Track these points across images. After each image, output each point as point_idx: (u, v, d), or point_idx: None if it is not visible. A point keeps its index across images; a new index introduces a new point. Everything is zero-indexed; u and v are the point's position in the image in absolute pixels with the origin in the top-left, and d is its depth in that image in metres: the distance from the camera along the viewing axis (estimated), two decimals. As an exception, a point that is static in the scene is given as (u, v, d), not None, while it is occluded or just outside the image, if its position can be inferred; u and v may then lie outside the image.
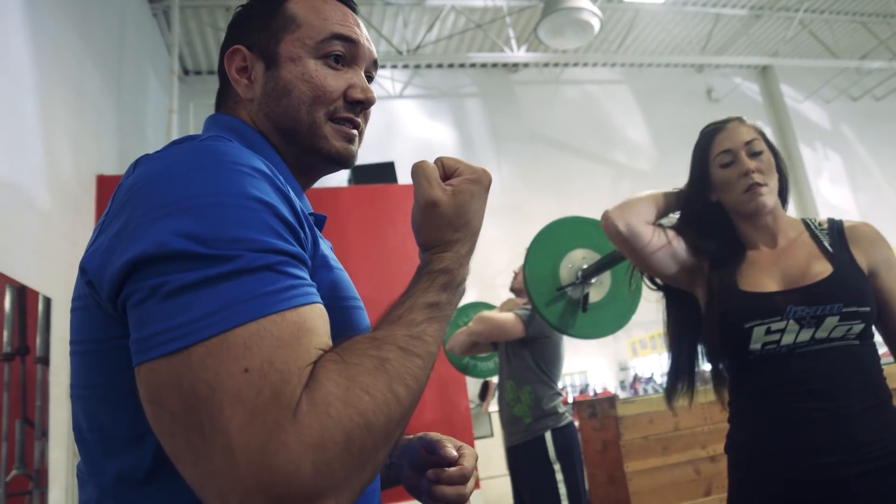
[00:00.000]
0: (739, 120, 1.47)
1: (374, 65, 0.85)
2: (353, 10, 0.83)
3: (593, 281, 2.88)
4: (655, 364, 13.15)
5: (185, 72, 6.94)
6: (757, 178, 1.39)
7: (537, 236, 3.04)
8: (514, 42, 7.03)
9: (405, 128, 7.47)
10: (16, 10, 2.82)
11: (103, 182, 3.74)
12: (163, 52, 6.02)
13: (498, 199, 7.52)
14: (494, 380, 5.96)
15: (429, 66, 7.73)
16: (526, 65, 7.97)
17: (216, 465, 0.49)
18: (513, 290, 3.41)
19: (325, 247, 0.75)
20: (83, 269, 0.61)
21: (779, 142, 8.86)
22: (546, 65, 8.07)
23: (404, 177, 5.08)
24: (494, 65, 7.99)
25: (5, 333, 2.56)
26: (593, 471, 3.70)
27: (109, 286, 0.56)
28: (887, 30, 8.28)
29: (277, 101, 0.77)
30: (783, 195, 1.47)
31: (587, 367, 14.08)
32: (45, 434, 2.77)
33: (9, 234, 2.54)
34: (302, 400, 0.51)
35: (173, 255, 0.53)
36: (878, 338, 1.37)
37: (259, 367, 0.51)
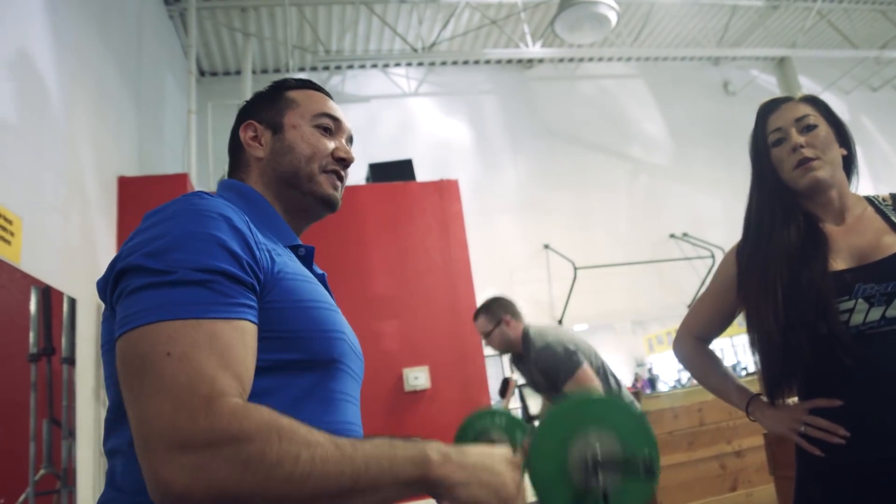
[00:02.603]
0: (796, 99, 1.45)
1: (350, 139, 1.12)
2: (329, 96, 1.13)
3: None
4: (672, 360, 13.06)
5: (202, 73, 6.97)
6: (807, 152, 1.36)
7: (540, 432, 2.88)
8: (529, 38, 6.99)
9: (421, 125, 7.46)
10: (38, 13, 2.84)
11: (124, 183, 3.76)
12: (179, 54, 6.05)
13: (515, 196, 7.49)
14: (515, 377, 5.93)
15: (444, 63, 7.72)
16: (541, 61, 7.93)
17: (141, 416, 0.67)
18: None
19: (300, 268, 0.93)
20: (98, 289, 0.84)
21: (797, 134, 8.75)
22: (561, 60, 8.02)
23: (422, 174, 5.08)
24: (509, 61, 7.95)
25: (31, 334, 2.57)
26: (617, 467, 3.68)
27: (108, 294, 0.80)
28: (907, 18, 8.16)
29: (283, 156, 1.04)
30: (848, 170, 1.45)
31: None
32: (72, 433, 2.79)
33: (33, 235, 2.56)
34: (217, 402, 0.67)
35: (134, 268, 0.75)
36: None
37: (179, 355, 0.69)
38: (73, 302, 2.91)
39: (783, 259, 1.34)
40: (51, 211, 2.80)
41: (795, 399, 1.40)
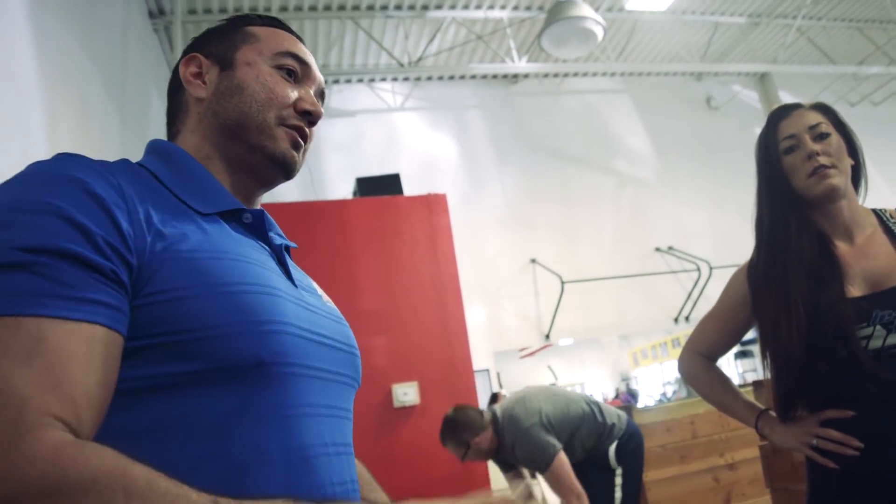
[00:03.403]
0: (807, 106, 1.42)
1: (321, 94, 0.89)
2: (302, 43, 0.90)
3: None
4: (657, 374, 13.09)
5: (186, 87, 6.93)
6: (823, 160, 1.34)
7: None
8: (514, 53, 7.03)
9: (407, 140, 7.46)
10: (21, 24, 2.80)
11: (108, 197, 3.71)
12: (164, 68, 6.01)
13: (501, 211, 7.49)
14: (504, 392, 5.91)
15: (430, 78, 7.73)
16: (526, 76, 7.97)
17: None
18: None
19: (229, 243, 0.70)
20: None
21: (779, 148, 8.85)
22: (546, 75, 8.07)
23: (408, 188, 5.05)
24: (495, 76, 7.99)
25: None
26: (609, 481, 3.65)
27: None
28: (884, 35, 8.31)
29: (230, 97, 0.80)
30: (856, 180, 1.44)
31: (586, 378, 14.04)
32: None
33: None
34: (28, 438, 0.48)
35: None
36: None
37: None
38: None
39: (802, 274, 1.31)
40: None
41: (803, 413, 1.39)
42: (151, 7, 5.63)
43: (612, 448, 2.76)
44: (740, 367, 9.04)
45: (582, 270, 7.26)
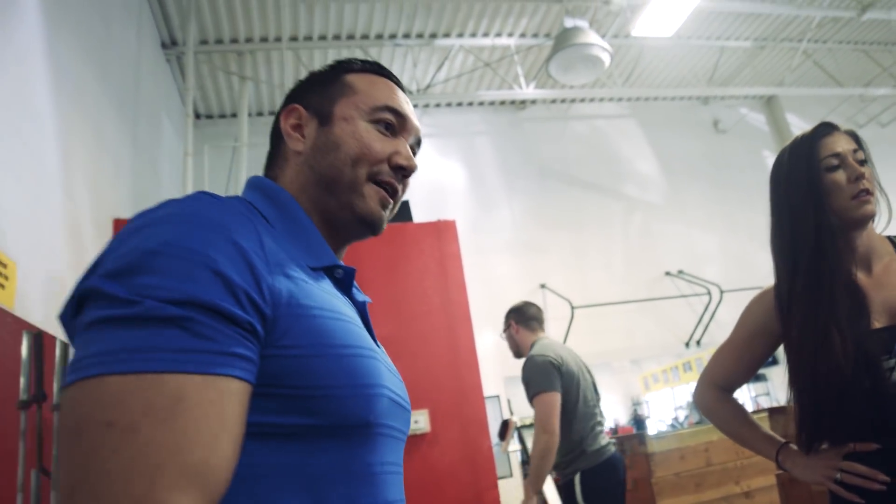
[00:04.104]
0: (842, 129, 1.40)
1: (418, 142, 0.91)
2: (402, 89, 0.91)
3: None
4: (668, 398, 12.93)
5: (198, 116, 7.01)
6: (867, 184, 1.32)
7: None
8: (522, 79, 7.08)
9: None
10: (38, 53, 2.85)
11: (119, 225, 3.73)
12: (175, 97, 6.09)
13: (510, 236, 7.49)
14: (515, 419, 5.85)
15: (438, 105, 7.80)
16: (534, 102, 8.02)
17: (62, 497, 0.51)
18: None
19: (333, 299, 0.71)
20: (60, 321, 0.64)
21: (788, 171, 8.84)
22: (554, 101, 8.12)
23: (418, 214, 5.06)
24: (503, 102, 8.04)
25: (21, 380, 2.50)
26: (624, 510, 3.60)
27: (68, 329, 0.62)
28: (889, 57, 8.33)
29: (326, 154, 0.81)
30: None
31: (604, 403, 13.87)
32: (63, 484, 2.70)
33: (28, 279, 2.51)
34: None
35: (92, 292, 0.56)
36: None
37: (123, 427, 0.51)
38: (65, 347, 2.85)
39: (847, 298, 1.28)
40: (46, 254, 2.76)
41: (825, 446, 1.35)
42: (164, 38, 5.72)
43: (577, 479, 2.76)
44: (753, 392, 8.93)
45: (592, 295, 7.23)
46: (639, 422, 9.90)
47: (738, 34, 7.48)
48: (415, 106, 7.58)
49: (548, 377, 2.82)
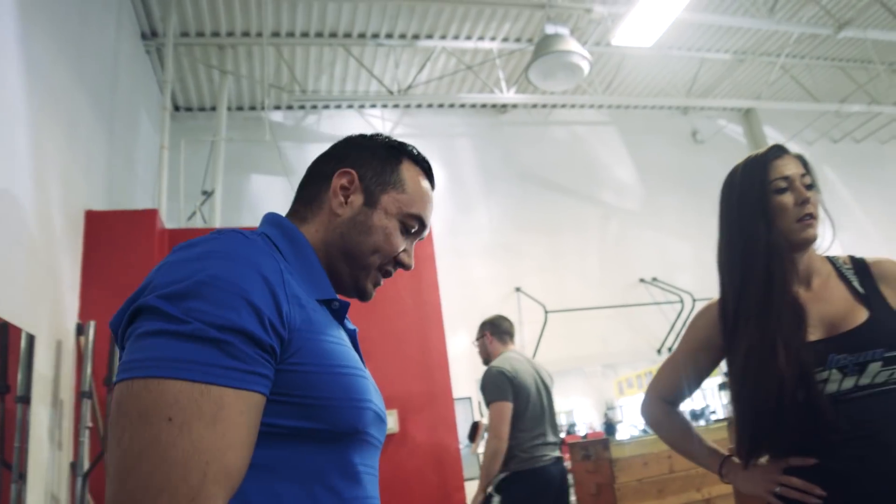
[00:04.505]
0: (791, 153, 1.44)
1: (422, 237, 1.06)
2: (433, 188, 1.06)
3: None
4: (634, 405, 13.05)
5: (177, 108, 6.96)
6: (811, 208, 1.35)
7: None
8: (503, 83, 7.12)
9: (395, 166, 7.51)
10: (11, 42, 2.82)
11: (91, 217, 3.70)
12: (154, 89, 6.04)
13: (487, 239, 7.52)
14: (484, 421, 5.88)
15: (419, 105, 7.81)
16: (514, 106, 8.07)
17: (122, 475, 0.62)
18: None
19: (330, 325, 0.85)
20: (111, 328, 0.77)
21: (763, 183, 8.97)
22: (535, 106, 8.17)
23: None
24: (483, 105, 8.08)
25: (-14, 372, 2.48)
26: (587, 514, 3.64)
27: (121, 332, 0.74)
28: (865, 75, 8.49)
29: (359, 233, 0.95)
30: None
31: (573, 406, 13.98)
32: (22, 476, 2.67)
33: (-5, 269, 2.49)
34: None
35: (149, 308, 0.69)
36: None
37: (180, 424, 0.63)
38: (31, 339, 2.82)
39: (790, 315, 1.32)
40: (13, 244, 2.73)
41: (766, 458, 1.39)
42: (144, 29, 5.67)
43: (502, 478, 3.01)
44: (724, 399, 9.04)
45: (566, 300, 7.29)
46: (610, 426, 9.96)
47: (717, 46, 7.58)
48: (395, 106, 7.63)
49: (501, 388, 3.08)
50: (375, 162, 0.99)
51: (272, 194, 6.73)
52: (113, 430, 0.65)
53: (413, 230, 1.00)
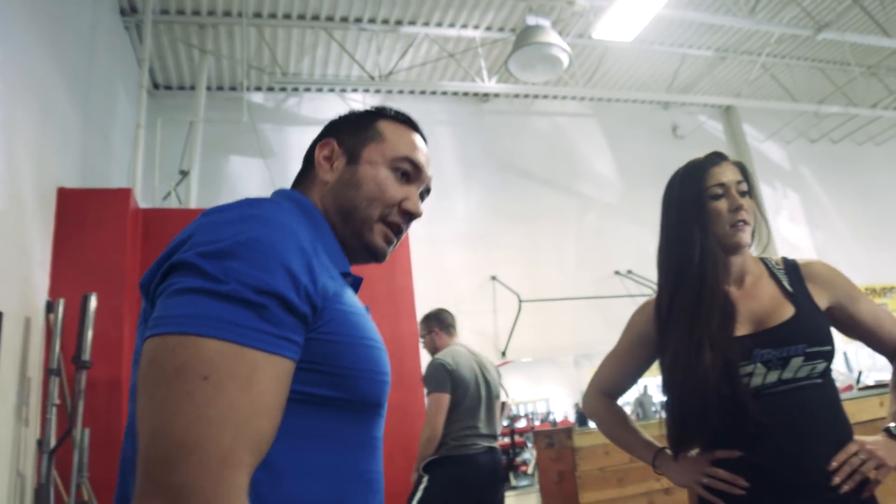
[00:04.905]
0: (730, 160, 1.50)
1: (428, 190, 1.04)
2: (424, 139, 1.05)
3: None
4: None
5: (156, 86, 6.90)
6: (744, 215, 1.41)
7: None
8: (485, 73, 7.13)
9: (375, 152, 7.50)
10: (-19, 19, 2.79)
11: (64, 195, 3.68)
12: (133, 66, 5.98)
13: (465, 227, 7.56)
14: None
15: (401, 92, 7.79)
16: (496, 95, 8.08)
17: (156, 431, 0.61)
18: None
19: (355, 299, 0.85)
20: (141, 286, 0.76)
21: (740, 180, 9.08)
22: (517, 96, 8.19)
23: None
24: (465, 94, 8.08)
25: (-48, 347, 2.49)
26: (549, 501, 3.71)
27: (153, 287, 0.72)
28: (843, 77, 8.60)
29: (348, 189, 0.94)
30: (752, 237, 1.51)
31: (549, 395, 14.13)
32: (-12, 452, 2.69)
33: (-39, 245, 2.48)
34: (231, 476, 0.61)
35: (188, 265, 0.68)
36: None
37: (215, 383, 0.62)
38: (-1, 315, 2.83)
39: (717, 313, 1.37)
40: (-18, 221, 2.73)
41: (696, 451, 1.44)
42: (123, 4, 5.61)
43: (428, 462, 3.14)
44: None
45: (541, 290, 7.35)
46: (582, 416, 10.08)
47: (699, 43, 7.65)
48: (376, 91, 7.60)
49: (440, 380, 3.19)
50: (352, 127, 1.00)
51: (251, 176, 6.70)
52: (145, 385, 0.64)
53: (409, 175, 0.98)
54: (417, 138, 1.02)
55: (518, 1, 6.26)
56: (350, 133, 0.99)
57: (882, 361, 1.53)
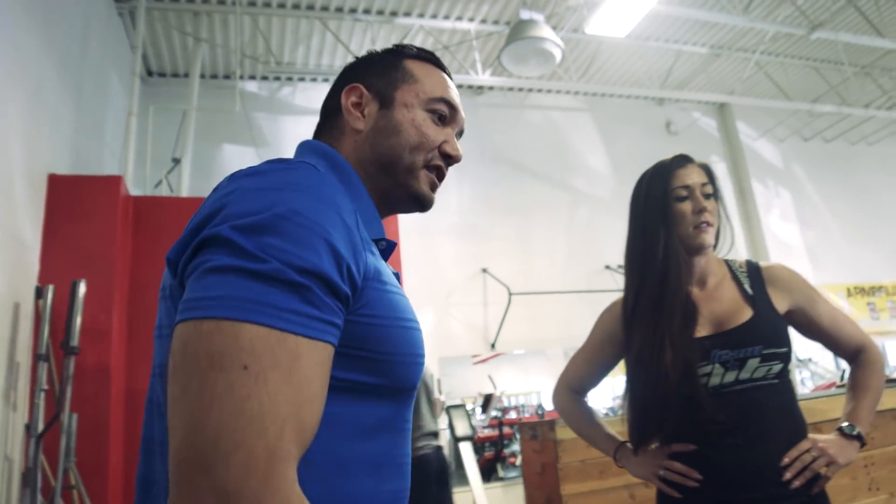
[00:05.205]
0: (697, 163, 1.54)
1: (461, 132, 0.98)
2: (451, 77, 0.98)
3: None
4: (607, 386, 13.27)
5: (150, 73, 6.88)
6: (708, 217, 1.46)
7: None
8: (479, 65, 7.14)
9: (369, 142, 7.50)
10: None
11: (55, 181, 3.70)
12: (127, 53, 5.96)
13: (456, 219, 7.58)
14: (442, 398, 5.99)
15: (396, 82, 7.78)
16: (491, 88, 8.09)
17: (191, 426, 0.55)
18: None
19: (388, 271, 0.80)
20: (168, 260, 0.69)
21: (733, 177, 9.12)
22: (511, 89, 8.20)
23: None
24: (460, 86, 8.08)
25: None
26: (532, 492, 3.76)
27: (181, 268, 0.66)
28: (837, 76, 8.62)
29: (387, 137, 0.88)
30: (717, 239, 1.55)
31: (541, 387, 14.16)
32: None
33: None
34: (278, 468, 0.56)
35: (222, 240, 0.61)
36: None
37: (256, 373, 0.57)
38: (-13, 300, 2.85)
39: (680, 313, 1.42)
40: (-29, 206, 2.74)
41: (655, 444, 1.49)
42: (118, -9, 5.60)
43: None
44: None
45: (532, 283, 7.39)
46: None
47: (694, 40, 7.65)
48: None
49: None
50: (377, 68, 0.93)
51: (243, 165, 6.57)
52: (177, 375, 0.58)
53: (445, 117, 0.92)
54: (447, 77, 0.96)
55: (513, -6, 6.26)
56: (378, 75, 0.92)
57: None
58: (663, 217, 1.48)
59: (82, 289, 3.19)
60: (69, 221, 3.65)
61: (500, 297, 7.27)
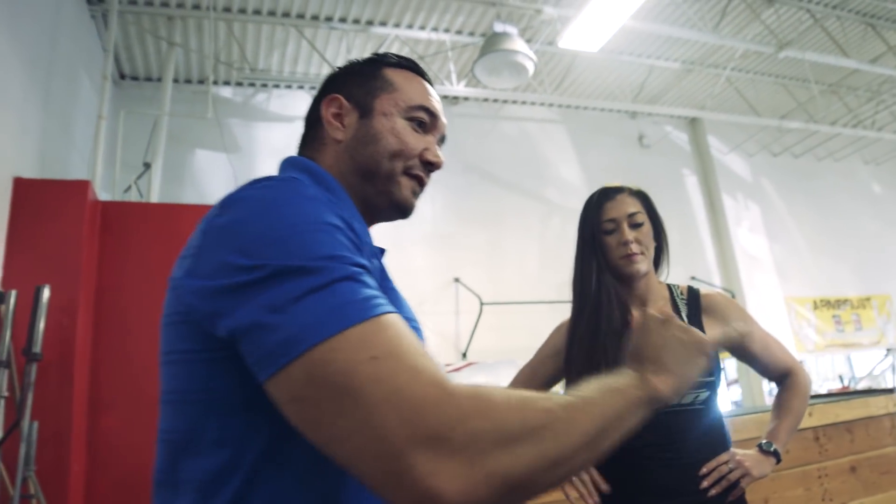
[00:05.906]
0: (627, 192, 1.60)
1: (443, 139, 0.99)
2: (432, 85, 0.99)
3: None
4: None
5: (122, 76, 6.82)
6: (633, 248, 1.55)
7: None
8: (454, 76, 7.18)
9: (343, 150, 7.50)
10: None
11: (20, 185, 3.65)
12: (99, 56, 5.91)
13: (429, 228, 7.60)
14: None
15: (371, 91, 7.80)
16: (466, 98, 8.14)
17: (369, 431, 0.56)
18: None
19: (388, 276, 0.84)
20: (179, 288, 0.68)
21: (703, 190, 9.27)
22: (486, 100, 8.26)
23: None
24: (435, 96, 8.12)
25: None
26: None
27: (212, 308, 0.64)
28: (805, 94, 8.82)
29: (366, 146, 0.89)
30: (657, 263, 1.61)
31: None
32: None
33: None
34: (452, 390, 0.58)
35: (277, 272, 0.61)
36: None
37: (385, 355, 0.58)
38: (-54, 305, 2.80)
39: (613, 338, 1.49)
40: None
41: None
42: (90, -7, 5.55)
43: None
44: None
45: (503, 293, 7.43)
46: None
47: (666, 55, 7.78)
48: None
49: None
50: (357, 78, 0.94)
51: (216, 171, 6.65)
52: (313, 408, 0.58)
53: (425, 124, 0.93)
54: (427, 85, 0.97)
55: (488, 7, 6.32)
56: (357, 85, 0.93)
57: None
58: (594, 250, 1.58)
59: (46, 294, 3.14)
60: (34, 225, 3.60)
61: (471, 306, 7.30)
